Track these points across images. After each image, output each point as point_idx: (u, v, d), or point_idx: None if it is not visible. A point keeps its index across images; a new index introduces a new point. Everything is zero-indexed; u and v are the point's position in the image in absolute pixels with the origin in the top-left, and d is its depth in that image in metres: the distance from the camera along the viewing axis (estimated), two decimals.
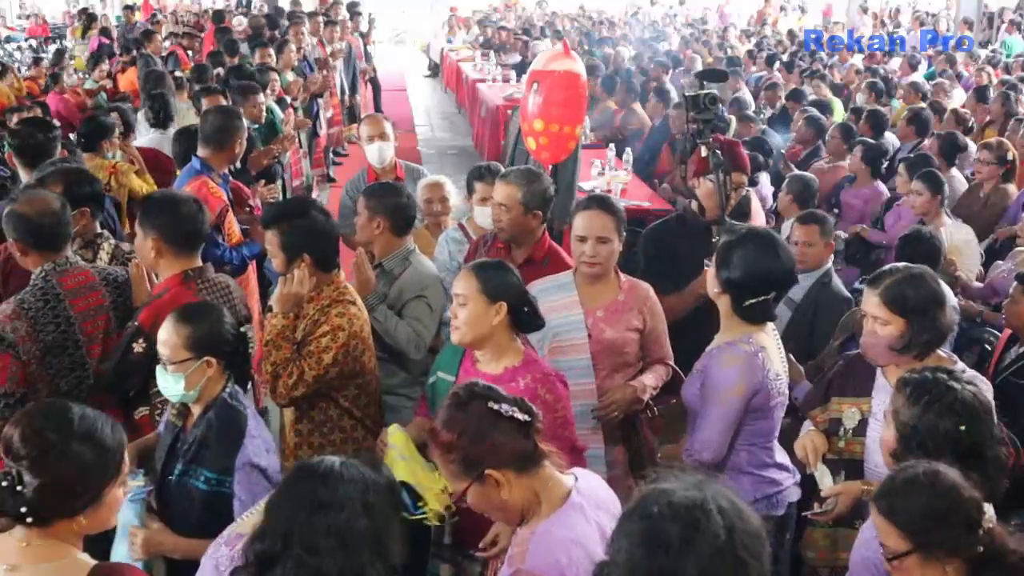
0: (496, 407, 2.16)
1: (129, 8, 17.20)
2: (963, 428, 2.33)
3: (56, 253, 3.38)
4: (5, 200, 4.05)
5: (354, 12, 13.79)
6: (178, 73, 9.34)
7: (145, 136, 6.88)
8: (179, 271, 3.36)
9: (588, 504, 2.25)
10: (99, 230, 3.93)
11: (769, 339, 3.11)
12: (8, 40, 18.05)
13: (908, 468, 2.17)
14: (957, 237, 5.41)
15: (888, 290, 2.89)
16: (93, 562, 2.07)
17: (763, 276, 3.01)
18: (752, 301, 3.01)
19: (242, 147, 4.91)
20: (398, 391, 3.81)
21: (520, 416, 2.17)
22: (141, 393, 3.30)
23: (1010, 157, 6.36)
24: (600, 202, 3.52)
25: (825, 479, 2.90)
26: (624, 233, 3.50)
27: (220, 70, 9.23)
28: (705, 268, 3.26)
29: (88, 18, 16.11)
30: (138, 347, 3.14)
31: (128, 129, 6.49)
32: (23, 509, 1.97)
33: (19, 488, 1.97)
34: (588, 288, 3.50)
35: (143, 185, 5.56)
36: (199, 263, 3.40)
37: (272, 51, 9.24)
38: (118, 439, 2.12)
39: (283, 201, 4.43)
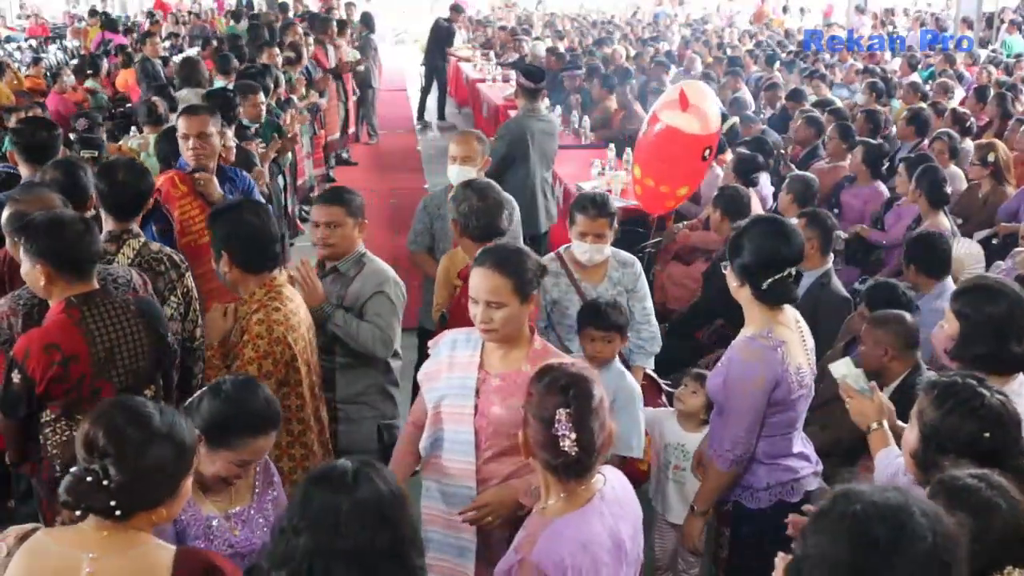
0: (558, 422, 2.20)
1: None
2: (987, 435, 2.30)
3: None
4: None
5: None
6: None
7: None
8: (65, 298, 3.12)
9: (608, 510, 2.29)
10: (128, 227, 3.87)
11: (791, 333, 3.11)
12: (8, 40, 18.00)
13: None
14: (961, 250, 5.39)
15: (959, 291, 2.93)
16: (173, 547, 2.13)
17: (772, 253, 3.03)
18: (769, 281, 3.02)
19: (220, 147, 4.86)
20: (359, 400, 3.71)
21: (567, 448, 2.20)
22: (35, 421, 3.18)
23: (991, 159, 6.37)
24: (495, 259, 2.88)
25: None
26: (532, 292, 2.91)
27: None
28: (723, 269, 3.20)
29: (106, 19, 16.04)
30: (15, 377, 3.04)
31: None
32: (112, 503, 2.01)
33: (105, 483, 2.01)
34: (494, 351, 2.93)
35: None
36: (91, 287, 3.15)
37: (278, 51, 9.23)
38: (192, 434, 2.19)
39: (228, 200, 4.32)
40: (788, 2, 23.93)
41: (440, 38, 14.20)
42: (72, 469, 2.05)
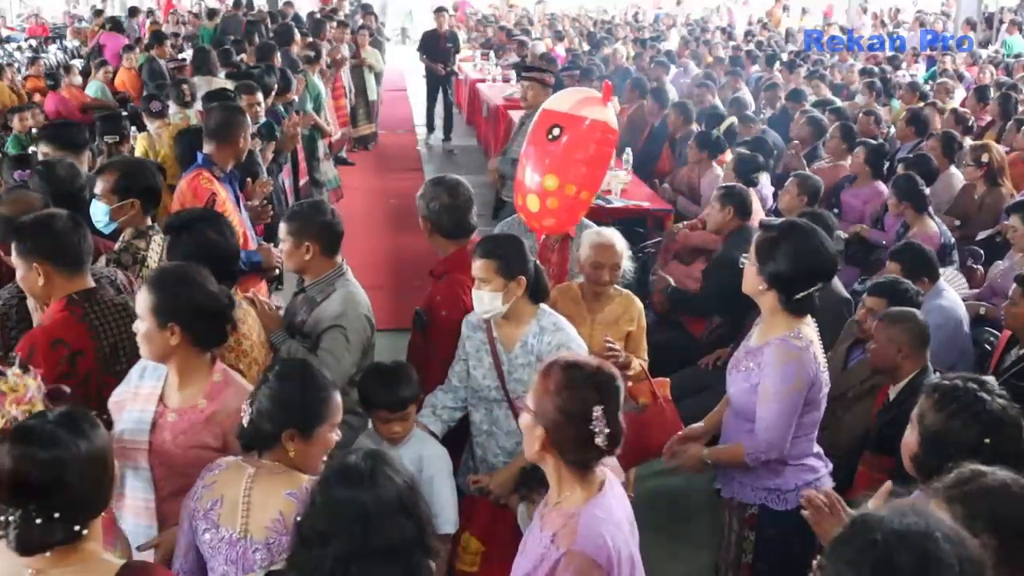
0: (595, 419, 2.18)
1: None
2: (987, 441, 2.29)
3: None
4: None
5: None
6: None
7: None
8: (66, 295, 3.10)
9: (616, 490, 2.36)
10: (151, 223, 3.90)
11: (813, 332, 3.08)
12: (8, 40, 17.99)
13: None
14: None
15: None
16: (119, 562, 2.08)
17: (810, 267, 2.97)
18: (802, 294, 2.96)
19: (247, 143, 4.85)
20: None
21: (600, 443, 2.20)
22: None
23: (984, 160, 6.36)
24: (151, 279, 2.83)
25: None
26: (170, 322, 2.71)
27: (243, 56, 9.32)
28: (741, 266, 3.10)
29: (113, 23, 15.97)
30: None
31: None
32: (75, 528, 1.98)
33: (56, 515, 1.95)
34: (174, 383, 2.80)
35: None
36: (87, 284, 3.13)
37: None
38: (101, 429, 2.10)
39: (181, 210, 4.15)
40: (789, 2, 23.90)
41: (428, 47, 13.49)
42: (8, 520, 1.93)
